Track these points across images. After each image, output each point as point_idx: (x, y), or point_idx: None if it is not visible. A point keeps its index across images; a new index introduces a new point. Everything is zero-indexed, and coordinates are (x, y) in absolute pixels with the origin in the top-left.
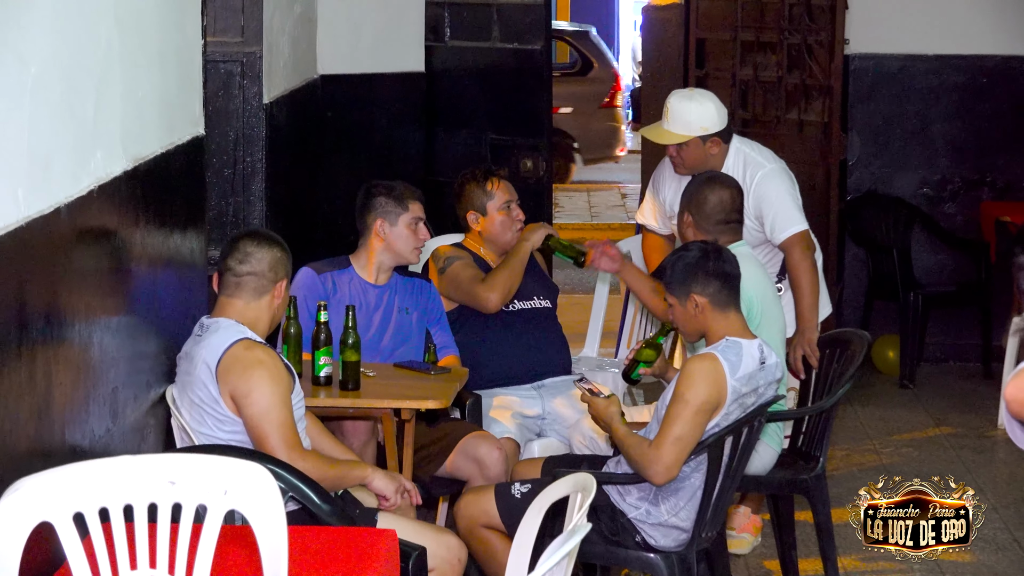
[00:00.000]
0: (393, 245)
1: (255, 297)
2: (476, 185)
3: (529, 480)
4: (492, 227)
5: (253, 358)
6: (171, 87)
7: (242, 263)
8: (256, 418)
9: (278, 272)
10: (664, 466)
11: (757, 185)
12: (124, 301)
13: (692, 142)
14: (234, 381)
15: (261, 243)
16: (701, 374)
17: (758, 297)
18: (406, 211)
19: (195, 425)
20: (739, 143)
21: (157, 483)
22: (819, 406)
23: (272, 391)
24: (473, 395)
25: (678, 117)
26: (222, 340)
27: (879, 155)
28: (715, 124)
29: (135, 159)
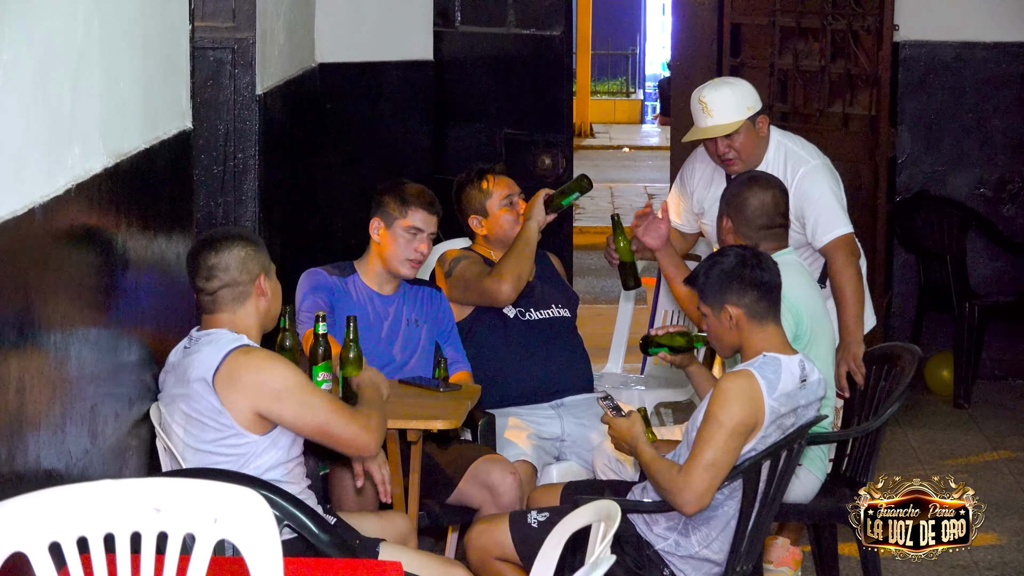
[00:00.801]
0: (383, 250)
1: (237, 306)
2: (471, 187)
3: (547, 508)
4: (497, 227)
5: (260, 360)
6: (155, 76)
7: (210, 279)
8: (301, 417)
9: (251, 270)
10: (695, 494)
11: (799, 182)
12: (104, 310)
13: (743, 127)
14: (254, 393)
15: (220, 248)
16: (736, 393)
17: (807, 311)
18: (405, 216)
19: (192, 441)
20: (780, 136)
21: (141, 510)
22: (865, 428)
23: (300, 381)
24: (486, 414)
25: (720, 107)
26: (217, 351)
27: (931, 152)
28: (756, 101)
29: (116, 155)
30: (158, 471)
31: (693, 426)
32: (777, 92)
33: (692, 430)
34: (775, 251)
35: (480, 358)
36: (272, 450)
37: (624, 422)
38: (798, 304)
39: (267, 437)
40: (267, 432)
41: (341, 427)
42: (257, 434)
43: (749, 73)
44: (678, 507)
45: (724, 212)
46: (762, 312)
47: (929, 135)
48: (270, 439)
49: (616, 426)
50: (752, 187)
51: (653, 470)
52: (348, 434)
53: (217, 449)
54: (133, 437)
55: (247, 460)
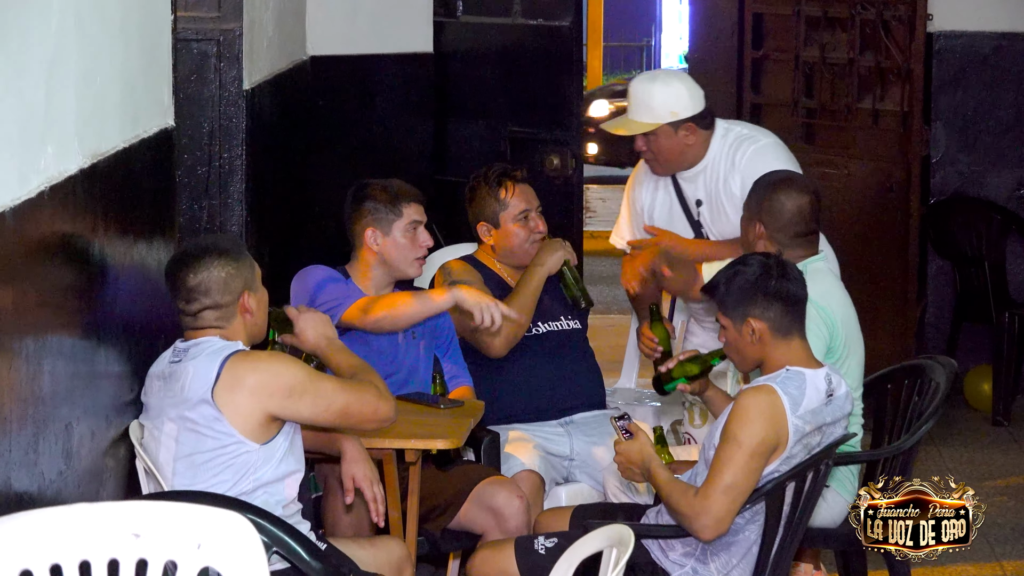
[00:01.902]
0: (388, 258)
1: (223, 325)
2: (488, 191)
3: (555, 533)
4: (506, 241)
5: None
6: (135, 70)
7: (190, 302)
8: (318, 407)
9: (234, 289)
10: (713, 518)
11: (748, 160)
12: (80, 322)
13: (661, 131)
14: (265, 395)
15: (199, 268)
16: (757, 411)
17: (842, 322)
18: (400, 216)
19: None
20: (728, 124)
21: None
22: (897, 447)
23: (306, 371)
24: (490, 433)
25: (641, 103)
26: (211, 361)
27: (968, 151)
28: (686, 107)
29: (93, 155)
30: (138, 494)
31: (710, 444)
32: (802, 86)
33: (709, 448)
34: (807, 257)
35: (483, 373)
36: (271, 462)
37: (634, 444)
38: (833, 315)
39: (267, 447)
40: (268, 440)
41: (360, 404)
42: (257, 443)
43: (772, 66)
44: (695, 533)
45: (755, 216)
46: (787, 326)
47: (965, 132)
48: (270, 449)
49: (624, 450)
50: (788, 189)
51: (668, 493)
52: (369, 408)
53: (213, 460)
54: (111, 457)
55: (246, 472)
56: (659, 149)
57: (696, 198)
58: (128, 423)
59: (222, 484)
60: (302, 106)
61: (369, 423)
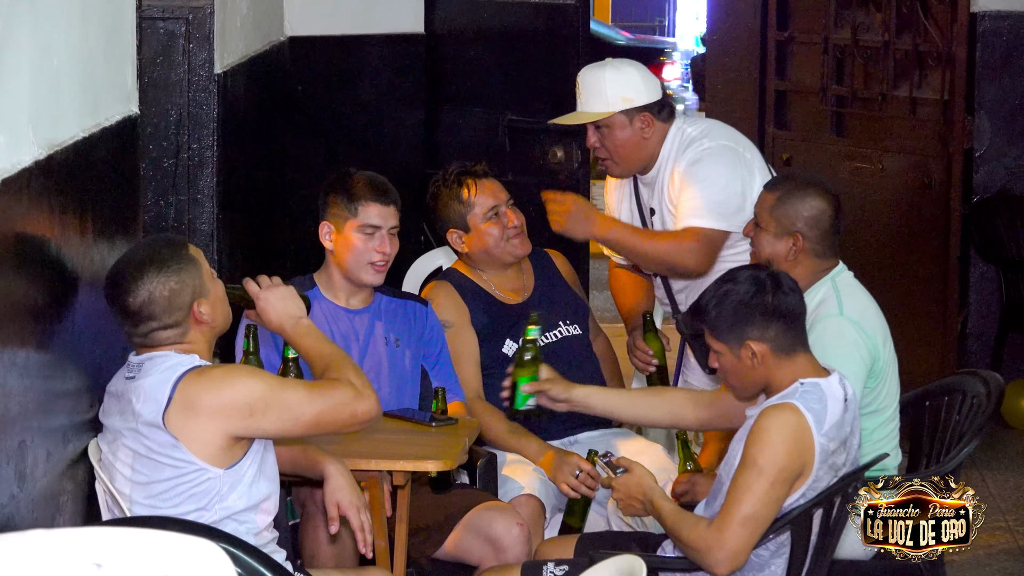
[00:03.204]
0: (340, 258)
1: (177, 340)
2: (449, 194)
3: (565, 561)
4: (481, 244)
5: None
6: (96, 52)
7: (137, 324)
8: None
9: (181, 303)
10: (728, 552)
11: (688, 165)
12: (33, 331)
13: (615, 121)
14: (224, 415)
15: (138, 289)
16: (780, 433)
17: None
18: (354, 215)
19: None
20: (683, 122)
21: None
22: (935, 471)
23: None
24: (486, 453)
25: (591, 90)
26: (163, 381)
27: (1016, 143)
28: (640, 94)
29: (49, 146)
30: (98, 519)
31: (727, 470)
32: (832, 72)
33: (725, 474)
34: (835, 267)
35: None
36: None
37: (632, 478)
38: (874, 336)
39: (233, 472)
40: (233, 464)
41: (333, 410)
42: (220, 468)
43: (799, 50)
44: (708, 568)
45: (790, 230)
46: (790, 344)
47: (1013, 123)
48: (235, 474)
49: (622, 485)
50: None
51: (675, 526)
52: (345, 412)
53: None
54: (68, 479)
55: (210, 500)
56: (614, 144)
57: (650, 206)
58: (87, 442)
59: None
60: (280, 92)
61: (347, 428)
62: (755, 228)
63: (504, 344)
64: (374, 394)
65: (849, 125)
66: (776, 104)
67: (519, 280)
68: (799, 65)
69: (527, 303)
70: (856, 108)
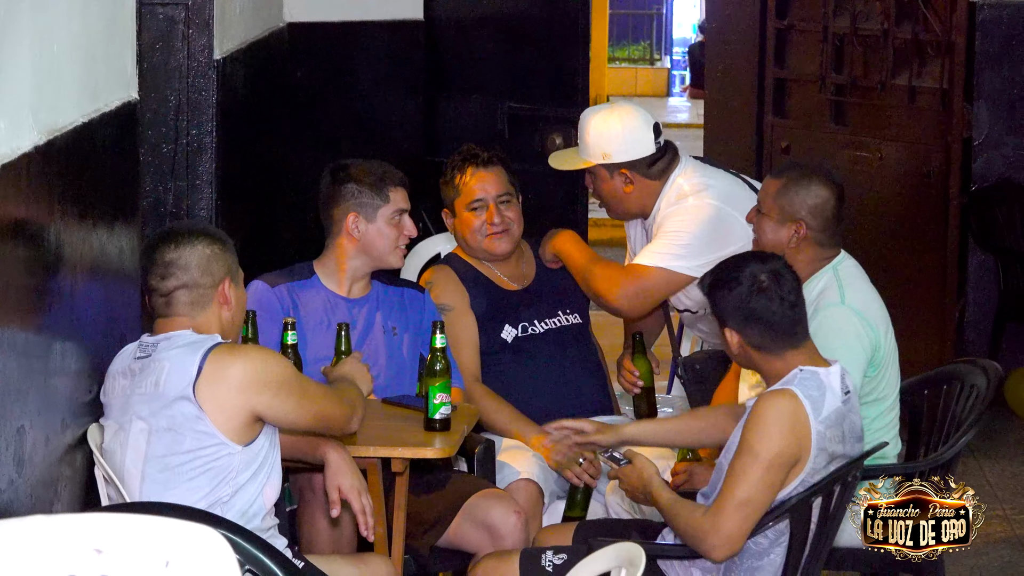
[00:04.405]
0: (370, 246)
1: (197, 311)
2: (449, 175)
3: (564, 548)
4: (461, 230)
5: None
6: (96, 38)
7: (165, 278)
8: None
9: (214, 272)
10: (724, 537)
11: (664, 218)
12: (33, 315)
13: (598, 172)
14: (253, 392)
15: (181, 243)
16: (776, 419)
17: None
18: (386, 202)
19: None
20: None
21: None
22: (933, 459)
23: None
24: (484, 441)
25: (581, 136)
26: (190, 352)
27: (1015, 132)
28: (618, 151)
29: (49, 131)
30: (96, 505)
31: (726, 457)
32: (831, 61)
33: (726, 463)
34: (836, 256)
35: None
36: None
37: (632, 470)
38: (877, 327)
39: (249, 450)
40: (250, 442)
41: (338, 413)
42: (240, 444)
43: (798, 39)
44: (704, 553)
45: (793, 219)
46: (770, 344)
47: (1012, 112)
48: (251, 452)
49: (624, 476)
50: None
51: (673, 514)
52: (343, 419)
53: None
54: (67, 465)
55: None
56: (599, 192)
57: None
58: (86, 427)
59: (198, 490)
60: (279, 78)
61: (339, 432)
62: (757, 214)
63: (503, 330)
64: (361, 418)
65: (848, 114)
66: (775, 92)
67: (519, 267)
68: (798, 53)
69: (527, 291)
70: (855, 97)
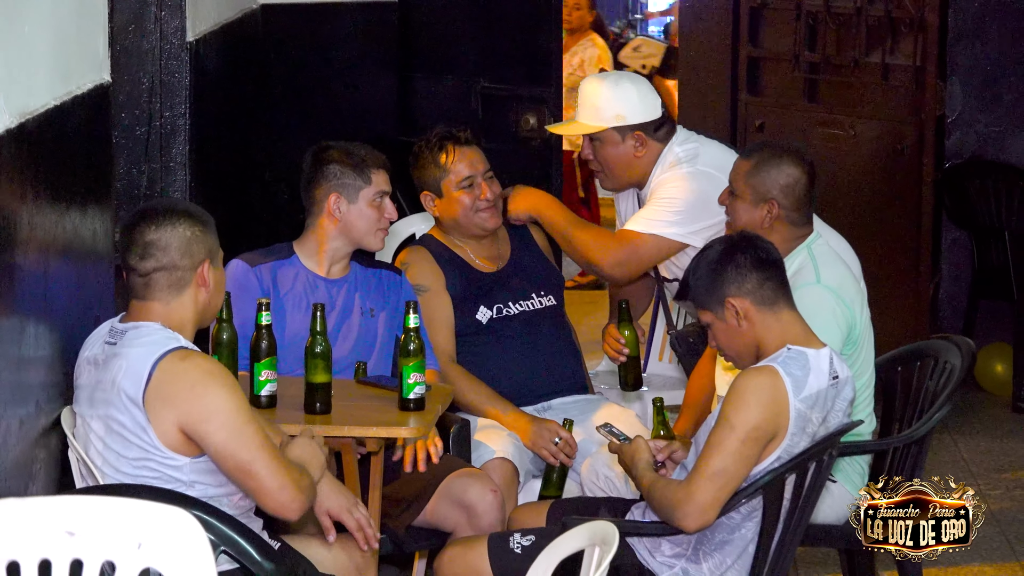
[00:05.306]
0: (351, 227)
1: (174, 294)
2: (429, 156)
3: (532, 530)
4: (450, 211)
5: (198, 371)
6: (67, 20)
7: (144, 259)
8: (230, 444)
9: (195, 253)
10: (697, 506)
11: (659, 185)
12: (5, 299)
13: (607, 136)
14: (184, 407)
15: (162, 223)
16: (755, 394)
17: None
18: (368, 184)
19: (112, 457)
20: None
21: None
22: (908, 435)
23: (237, 405)
24: (460, 420)
25: (588, 103)
26: (150, 350)
27: (987, 109)
28: (635, 113)
29: (20, 114)
30: (71, 487)
31: (704, 432)
32: (805, 38)
33: (703, 437)
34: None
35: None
36: (206, 476)
37: (628, 448)
38: (852, 304)
39: (200, 460)
40: (199, 456)
41: (268, 472)
42: (187, 456)
43: (772, 18)
44: (677, 523)
45: (766, 198)
46: (770, 296)
47: (985, 89)
48: (203, 464)
49: (620, 453)
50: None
51: (650, 492)
52: (275, 484)
53: (139, 471)
54: (41, 448)
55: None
56: (605, 158)
57: None
58: (59, 411)
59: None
60: (252, 60)
61: (265, 498)
62: (730, 196)
63: (478, 311)
64: (306, 503)
65: (822, 91)
66: (749, 71)
67: (495, 248)
68: (772, 32)
69: (503, 272)
70: (829, 75)
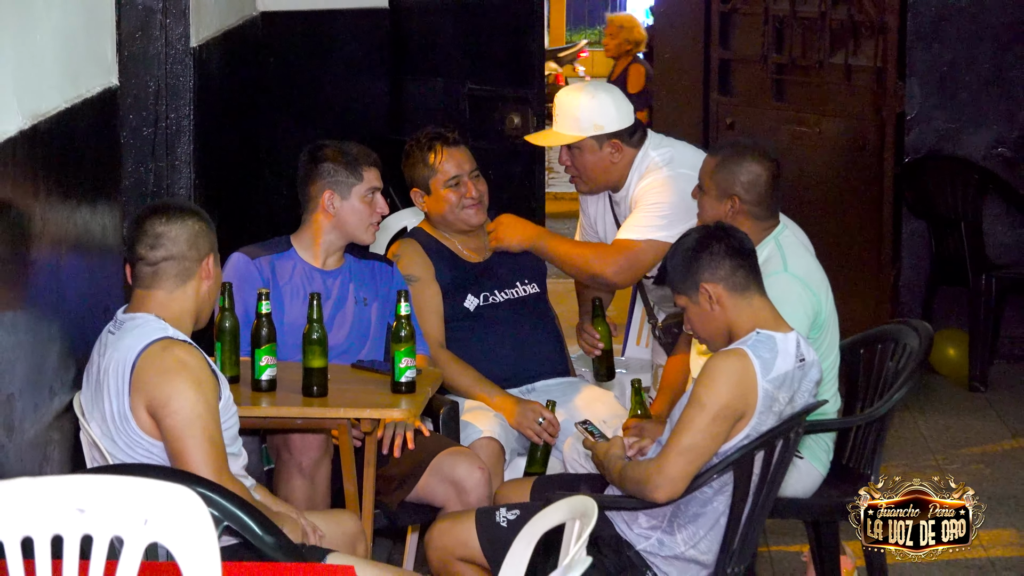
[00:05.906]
0: (344, 222)
1: (178, 284)
2: (418, 156)
3: (517, 505)
4: (437, 208)
5: (172, 359)
6: (77, 26)
7: (154, 248)
8: (176, 430)
9: (200, 247)
10: (667, 478)
11: (641, 191)
12: (21, 291)
13: (586, 145)
14: (150, 390)
15: (172, 218)
16: (724, 374)
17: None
18: (360, 180)
19: (107, 444)
20: (650, 145)
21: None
22: (870, 414)
23: (196, 398)
24: (449, 402)
25: (566, 114)
26: (138, 340)
27: (944, 107)
28: (612, 122)
29: (32, 116)
30: (82, 467)
31: (679, 410)
32: (772, 41)
33: (677, 414)
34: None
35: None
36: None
37: (602, 446)
38: (818, 292)
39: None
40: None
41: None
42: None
43: (741, 21)
44: (649, 495)
45: (728, 193)
46: (742, 283)
47: (942, 88)
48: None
49: (594, 449)
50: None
51: (622, 477)
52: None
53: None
54: (55, 430)
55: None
56: (583, 165)
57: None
58: (71, 395)
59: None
60: (252, 64)
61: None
62: (699, 191)
63: (466, 299)
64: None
65: (789, 91)
66: (720, 72)
67: (481, 241)
68: (741, 35)
69: (489, 262)
70: (795, 75)
